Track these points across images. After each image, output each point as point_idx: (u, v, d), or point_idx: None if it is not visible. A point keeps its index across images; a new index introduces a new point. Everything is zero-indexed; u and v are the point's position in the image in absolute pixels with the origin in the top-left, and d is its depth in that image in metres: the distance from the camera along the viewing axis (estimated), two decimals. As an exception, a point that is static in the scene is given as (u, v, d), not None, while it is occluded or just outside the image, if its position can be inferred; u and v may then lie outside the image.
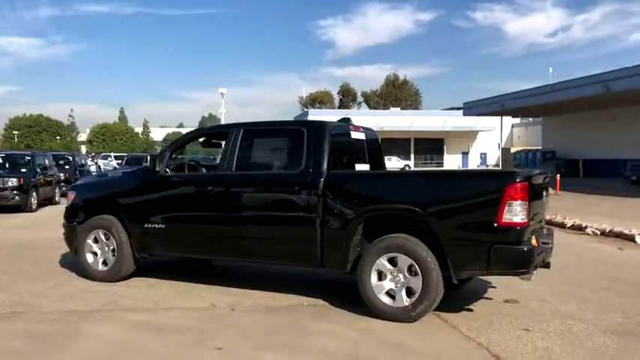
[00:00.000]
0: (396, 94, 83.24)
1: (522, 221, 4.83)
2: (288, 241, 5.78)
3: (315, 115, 56.88)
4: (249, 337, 4.82)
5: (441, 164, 59.64)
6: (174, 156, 6.68)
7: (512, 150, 45.14)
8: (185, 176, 6.59)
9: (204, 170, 6.96)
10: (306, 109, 70.93)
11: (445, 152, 60.83)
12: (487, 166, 57.84)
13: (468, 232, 4.98)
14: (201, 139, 6.99)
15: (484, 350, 4.52)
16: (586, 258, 8.72)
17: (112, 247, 6.69)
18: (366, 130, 6.59)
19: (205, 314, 5.52)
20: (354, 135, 6.33)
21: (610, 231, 10.83)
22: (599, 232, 11.02)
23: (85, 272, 6.87)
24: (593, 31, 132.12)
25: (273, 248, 5.90)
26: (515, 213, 4.81)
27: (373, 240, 5.38)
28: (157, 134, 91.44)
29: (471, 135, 59.53)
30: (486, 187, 4.98)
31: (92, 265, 6.81)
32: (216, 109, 48.89)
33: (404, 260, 5.18)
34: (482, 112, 38.58)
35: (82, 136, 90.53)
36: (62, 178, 18.43)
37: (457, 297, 5.86)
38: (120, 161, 28.90)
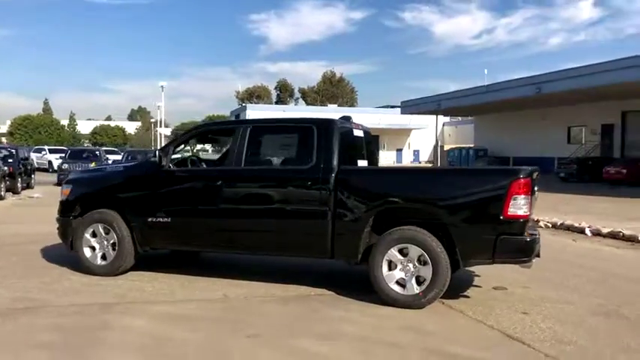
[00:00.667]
0: (333, 91, 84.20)
1: (525, 214, 5.32)
2: (300, 234, 6.04)
3: (253, 110, 56.78)
4: (277, 324, 5.07)
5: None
6: (177, 150, 6.79)
7: (446, 148, 46.78)
8: (193, 171, 6.72)
9: (204, 165, 7.09)
10: (243, 104, 70.54)
11: (381, 149, 62.16)
12: (420, 162, 59.62)
13: (476, 225, 5.42)
14: (207, 135, 7.15)
15: (496, 331, 4.97)
16: (549, 248, 9.40)
17: (112, 242, 6.73)
18: (363, 127, 6.94)
19: (223, 305, 5.71)
20: (356, 132, 6.66)
21: (561, 224, 11.69)
22: (550, 225, 11.85)
23: (83, 267, 6.86)
24: (515, 34, 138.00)
25: (284, 241, 6.14)
26: (519, 206, 5.29)
27: (381, 231, 5.72)
28: (84, 127, 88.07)
29: (405, 132, 61.13)
30: (493, 183, 5.43)
31: (91, 260, 6.81)
32: (145, 102, 47.82)
33: (414, 251, 5.56)
34: (419, 110, 39.81)
35: (2, 128, 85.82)
36: (6, 171, 17.77)
37: (450, 285, 6.30)
38: (63, 154, 27.79)
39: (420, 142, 61.02)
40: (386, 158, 60.17)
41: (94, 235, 6.83)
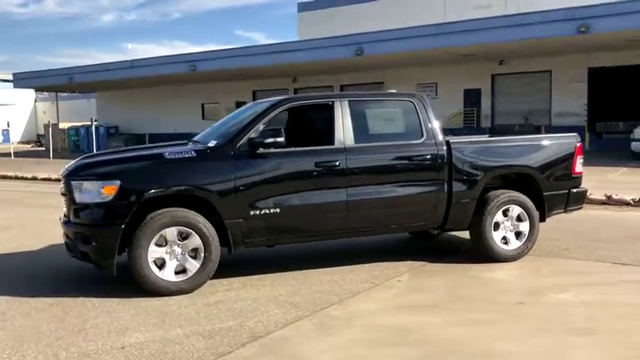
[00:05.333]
0: None
1: (581, 171, 6.80)
2: (419, 208, 6.08)
3: None
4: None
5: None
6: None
7: (62, 125, 43.08)
8: (299, 152, 5.69)
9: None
10: None
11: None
12: (12, 143, 53.08)
13: (557, 182, 6.62)
14: (292, 111, 5.98)
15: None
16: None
17: (191, 248, 5.28)
18: None
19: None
20: None
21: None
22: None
23: (150, 288, 5.16)
24: (64, 7, 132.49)
25: (402, 216, 6.06)
26: (579, 165, 6.74)
27: (483, 198, 6.35)
28: None
29: (-9, 109, 53.25)
30: (565, 147, 6.69)
31: (164, 277, 5.19)
32: None
33: (516, 210, 6.40)
34: (42, 85, 35.81)
35: None
36: None
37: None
38: None
39: (11, 119, 54.05)
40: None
41: (160, 244, 5.21)
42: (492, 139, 6.72)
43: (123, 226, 5.10)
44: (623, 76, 24.99)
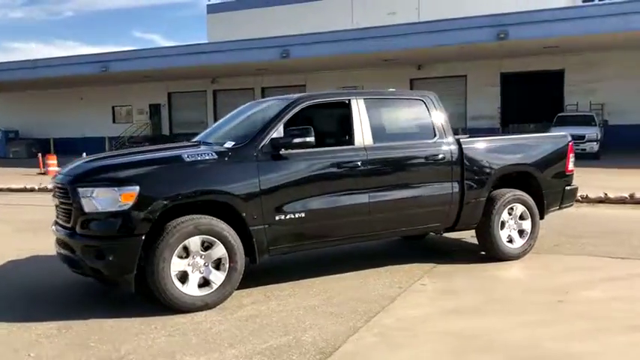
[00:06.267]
0: None
1: (573, 169, 6.98)
2: (436, 208, 5.95)
3: None
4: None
5: None
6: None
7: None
8: (317, 152, 5.34)
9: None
10: None
11: None
12: None
13: (554, 180, 6.73)
14: (310, 109, 5.54)
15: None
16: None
17: (215, 258, 4.84)
18: None
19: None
20: None
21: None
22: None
23: (173, 304, 4.67)
24: None
25: (419, 217, 5.91)
26: (571, 163, 6.91)
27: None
28: None
29: None
30: (560, 146, 6.82)
31: (187, 291, 4.71)
32: None
33: (519, 209, 6.44)
34: None
35: None
36: None
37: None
38: None
39: None
40: None
41: (181, 255, 4.73)
42: (499, 138, 6.73)
43: (143, 237, 4.56)
44: (533, 81, 26.47)
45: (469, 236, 7.20)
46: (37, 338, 4.26)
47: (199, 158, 4.90)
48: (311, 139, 5.06)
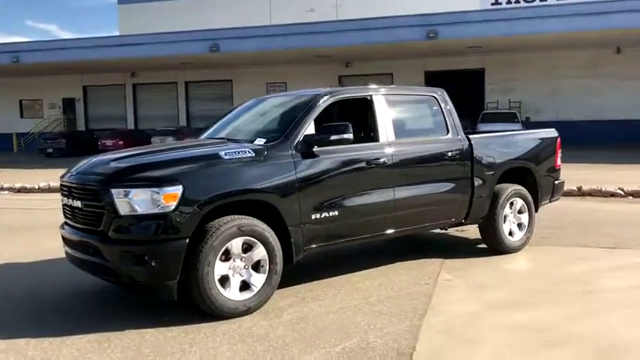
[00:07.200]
0: None
1: (560, 164, 7.28)
2: (452, 203, 6.00)
3: None
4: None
5: None
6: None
7: None
8: (346, 149, 5.17)
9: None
10: None
11: None
12: None
13: (547, 175, 6.98)
14: (335, 106, 5.32)
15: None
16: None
17: (255, 260, 4.62)
18: None
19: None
20: None
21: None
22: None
23: (218, 310, 4.40)
24: None
25: (438, 212, 5.94)
26: (559, 158, 7.20)
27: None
28: None
29: None
30: (552, 142, 7.07)
31: (229, 296, 4.46)
32: None
33: (518, 203, 6.63)
34: None
35: None
36: None
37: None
38: None
39: None
40: None
41: (223, 258, 4.48)
42: (503, 134, 6.87)
43: (187, 240, 4.26)
44: (455, 79, 27.46)
45: (453, 231, 7.38)
46: (81, 354, 3.86)
47: (238, 156, 4.62)
48: (349, 135, 4.93)
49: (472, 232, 7.26)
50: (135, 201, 4.20)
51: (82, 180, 4.55)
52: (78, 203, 4.55)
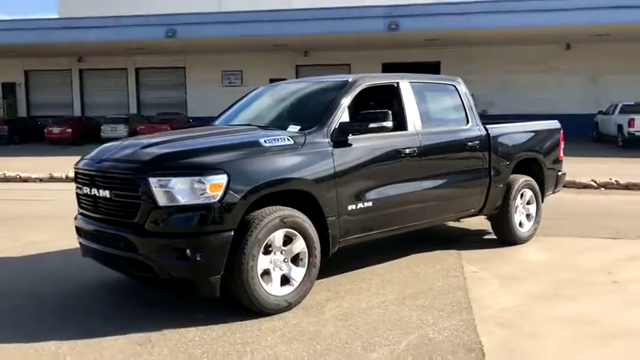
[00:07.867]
0: None
1: (562, 155, 7.33)
2: (472, 194, 5.92)
3: None
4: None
5: None
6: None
7: None
8: (378, 138, 4.95)
9: None
10: None
11: None
12: None
13: (552, 166, 7.01)
14: (366, 93, 5.06)
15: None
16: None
17: (295, 253, 4.38)
18: None
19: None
20: None
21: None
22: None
23: (261, 306, 4.14)
24: None
25: (461, 202, 5.87)
26: (562, 150, 7.26)
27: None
28: None
29: None
30: (556, 134, 7.10)
31: (271, 292, 4.21)
32: None
33: (527, 194, 6.63)
34: None
35: None
36: None
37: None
38: None
39: None
40: None
41: (265, 251, 4.22)
42: (516, 124, 6.82)
43: (232, 233, 3.97)
44: (412, 71, 27.57)
45: (451, 222, 7.31)
46: (125, 358, 3.53)
47: (278, 143, 4.36)
48: (389, 123, 4.74)
49: (471, 223, 7.24)
50: (176, 191, 3.87)
51: (112, 168, 4.17)
52: (105, 193, 4.16)
